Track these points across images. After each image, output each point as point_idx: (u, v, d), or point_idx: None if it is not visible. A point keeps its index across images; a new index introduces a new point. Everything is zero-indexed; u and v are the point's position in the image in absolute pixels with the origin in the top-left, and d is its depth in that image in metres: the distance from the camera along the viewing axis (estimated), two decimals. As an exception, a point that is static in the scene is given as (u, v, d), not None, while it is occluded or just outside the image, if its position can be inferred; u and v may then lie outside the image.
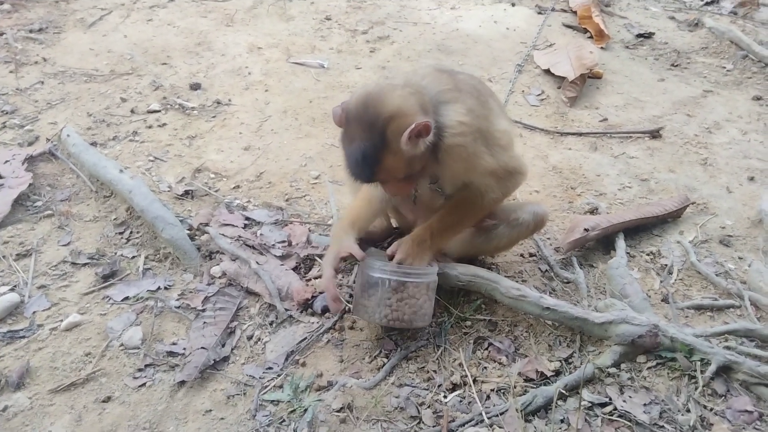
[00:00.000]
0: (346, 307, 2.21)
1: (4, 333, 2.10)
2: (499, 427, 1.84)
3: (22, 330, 2.11)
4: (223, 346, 2.10)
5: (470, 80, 2.07)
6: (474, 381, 2.00)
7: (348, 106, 1.84)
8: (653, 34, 4.67)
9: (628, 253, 2.55)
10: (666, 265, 2.53)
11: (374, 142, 1.77)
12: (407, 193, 2.04)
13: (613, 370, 2.01)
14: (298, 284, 2.31)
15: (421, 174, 1.93)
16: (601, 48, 4.39)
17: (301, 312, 2.24)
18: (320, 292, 2.28)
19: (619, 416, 1.88)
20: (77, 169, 2.85)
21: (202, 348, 2.06)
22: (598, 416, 1.88)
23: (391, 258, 2.06)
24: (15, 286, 2.27)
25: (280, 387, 1.97)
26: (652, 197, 2.96)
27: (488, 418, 1.86)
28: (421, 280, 2.02)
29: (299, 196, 2.85)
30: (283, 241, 2.52)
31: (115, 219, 2.62)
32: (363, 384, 1.97)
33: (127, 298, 2.26)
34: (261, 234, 2.56)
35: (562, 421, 1.87)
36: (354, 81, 3.83)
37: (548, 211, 2.33)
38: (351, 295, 2.26)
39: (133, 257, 2.44)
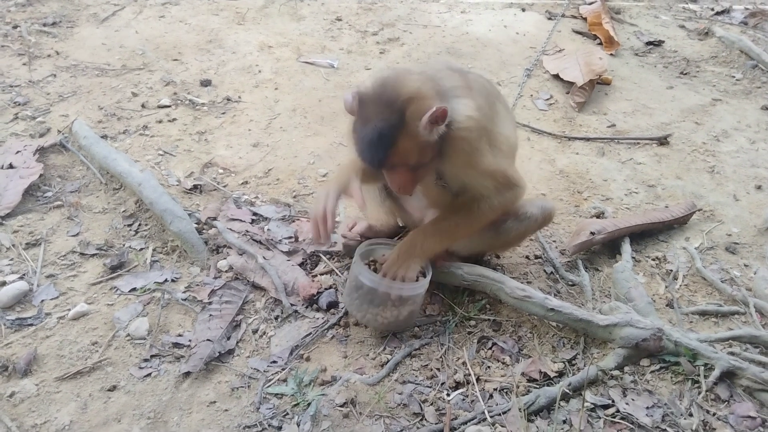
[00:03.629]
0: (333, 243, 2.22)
1: (12, 320, 2.12)
2: (502, 426, 1.84)
3: (30, 318, 2.14)
4: (229, 338, 2.12)
5: (480, 80, 2.12)
6: (477, 380, 2.01)
7: (362, 90, 1.84)
8: (663, 42, 4.67)
9: (633, 257, 2.55)
10: (671, 270, 2.53)
11: (392, 122, 1.75)
12: (411, 189, 1.96)
13: (616, 372, 2.01)
14: (304, 280, 2.32)
15: (427, 169, 1.93)
16: (611, 55, 4.39)
17: (307, 307, 2.25)
18: (326, 288, 2.29)
19: (622, 418, 1.88)
20: (87, 161, 2.88)
21: (208, 340, 2.07)
22: (600, 418, 1.88)
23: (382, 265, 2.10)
24: (24, 275, 2.29)
25: (284, 381, 1.99)
26: (659, 203, 2.96)
27: (491, 417, 1.87)
28: (406, 293, 2.05)
29: (307, 193, 2.87)
30: (290, 237, 2.54)
31: (124, 211, 2.64)
32: (366, 380, 1.98)
33: (134, 289, 2.28)
34: (268, 229, 2.57)
35: (564, 421, 1.87)
36: (363, 81, 3.84)
37: (555, 207, 2.33)
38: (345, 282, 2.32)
39: (141, 249, 2.46)
